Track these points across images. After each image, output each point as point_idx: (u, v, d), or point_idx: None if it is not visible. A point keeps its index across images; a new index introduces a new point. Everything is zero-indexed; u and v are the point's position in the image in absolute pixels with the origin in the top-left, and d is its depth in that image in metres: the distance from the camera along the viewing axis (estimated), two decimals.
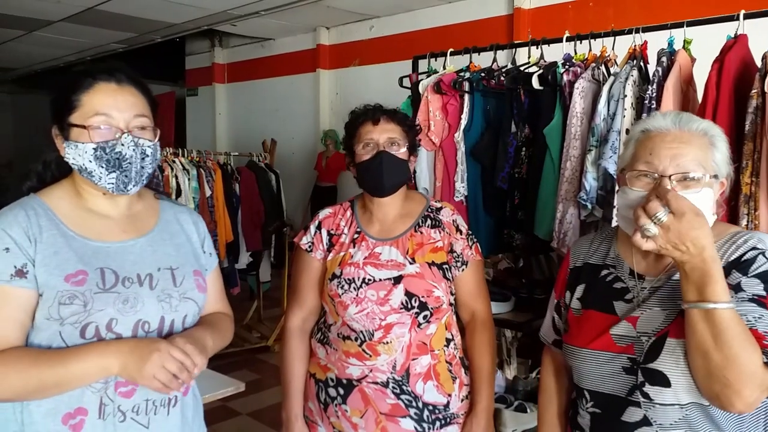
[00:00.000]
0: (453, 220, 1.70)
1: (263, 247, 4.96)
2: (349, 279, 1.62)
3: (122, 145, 1.20)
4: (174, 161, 4.35)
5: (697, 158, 1.19)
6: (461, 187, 2.62)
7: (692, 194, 1.17)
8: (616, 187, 2.14)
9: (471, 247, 1.69)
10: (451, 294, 1.68)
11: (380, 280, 1.60)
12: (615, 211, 2.10)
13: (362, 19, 7.48)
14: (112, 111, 1.20)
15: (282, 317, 4.98)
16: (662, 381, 1.18)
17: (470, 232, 1.73)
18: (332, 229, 1.72)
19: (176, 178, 4.26)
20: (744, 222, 1.89)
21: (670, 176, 1.17)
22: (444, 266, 1.64)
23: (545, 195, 2.36)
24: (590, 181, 2.18)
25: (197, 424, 1.37)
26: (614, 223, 2.12)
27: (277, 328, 4.99)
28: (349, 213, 1.75)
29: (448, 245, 1.66)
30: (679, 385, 1.16)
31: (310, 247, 1.73)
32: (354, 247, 1.66)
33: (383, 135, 1.64)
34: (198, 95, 10.21)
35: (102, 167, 1.20)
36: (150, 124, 1.26)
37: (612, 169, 2.12)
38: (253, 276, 5.19)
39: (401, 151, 1.65)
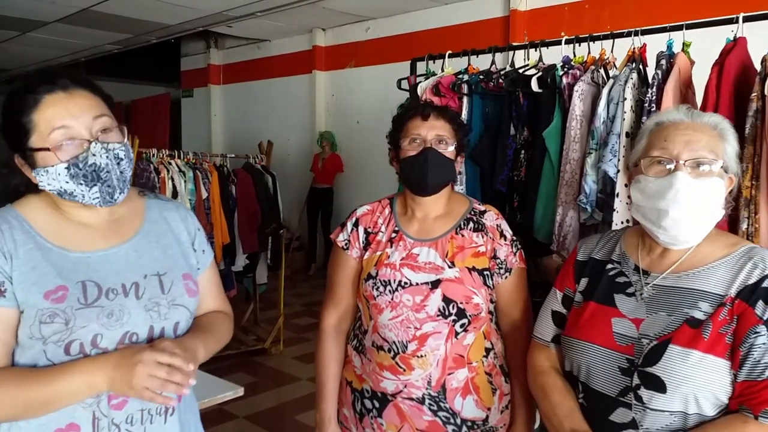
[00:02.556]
0: (497, 225, 1.61)
1: (260, 249, 4.94)
2: (384, 281, 1.55)
3: (93, 155, 1.12)
4: (170, 163, 4.33)
5: (710, 146, 1.22)
6: (460, 190, 2.61)
7: (704, 182, 1.20)
8: (616, 189, 2.14)
9: (515, 254, 1.61)
10: (491, 302, 1.61)
11: (417, 284, 1.53)
12: (617, 205, 2.10)
13: (358, 21, 7.47)
14: (68, 121, 1.12)
15: (279, 319, 4.97)
16: (658, 386, 1.18)
17: (515, 239, 1.64)
18: (369, 227, 1.65)
19: (172, 180, 4.24)
20: (744, 225, 1.89)
21: (684, 162, 1.21)
22: (485, 272, 1.56)
23: (544, 198, 2.35)
24: (590, 184, 2.17)
25: (194, 429, 1.34)
26: (615, 226, 2.11)
27: (274, 331, 4.97)
28: (387, 210, 1.67)
29: (491, 251, 1.58)
30: (674, 393, 1.16)
31: (346, 245, 1.65)
32: (391, 246, 1.59)
33: (432, 131, 1.57)
34: (193, 96, 10.19)
35: (81, 184, 1.13)
36: (113, 124, 1.18)
37: (612, 172, 2.12)
38: (250, 278, 5.17)
39: (449, 150, 1.58)
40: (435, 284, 1.53)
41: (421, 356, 1.52)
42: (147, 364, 1.07)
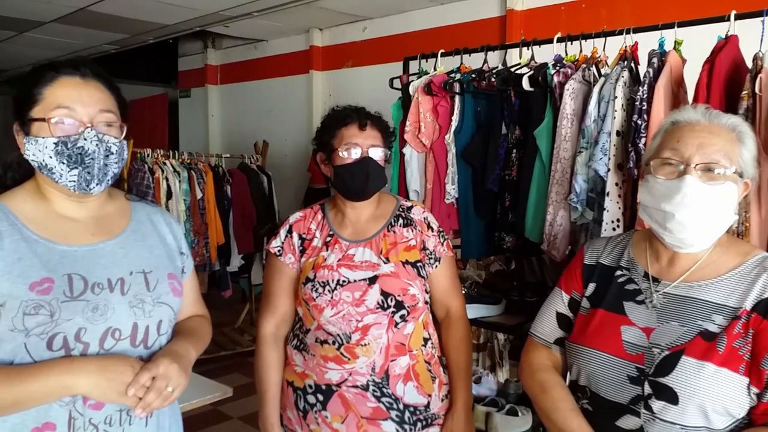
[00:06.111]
0: (424, 218, 1.71)
1: (255, 250, 4.94)
2: (323, 282, 1.61)
3: (85, 139, 1.15)
4: (165, 163, 4.32)
5: (724, 150, 1.17)
6: (452, 190, 2.60)
7: (714, 187, 1.16)
8: (607, 188, 2.13)
9: (443, 244, 1.71)
10: (426, 292, 1.68)
11: (355, 281, 1.60)
12: (608, 204, 2.09)
13: (355, 21, 7.46)
14: (75, 104, 1.15)
15: None
16: (670, 398, 1.15)
17: (441, 229, 1.74)
18: (304, 233, 1.71)
19: (167, 180, 4.24)
20: (734, 225, 1.87)
21: (695, 165, 1.16)
22: (418, 264, 1.65)
23: (535, 197, 2.34)
24: (580, 183, 2.16)
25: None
26: (605, 225, 2.10)
27: None
28: (320, 216, 1.73)
29: (420, 243, 1.67)
30: (687, 405, 1.14)
31: (279, 251, 1.71)
32: (327, 250, 1.66)
33: (368, 140, 1.64)
34: (191, 97, 10.16)
35: (63, 163, 1.14)
36: (117, 121, 1.21)
37: (602, 170, 2.10)
38: (245, 278, 5.17)
39: (381, 157, 1.67)
40: (372, 280, 1.60)
41: (365, 345, 1.58)
42: (136, 370, 1.11)
